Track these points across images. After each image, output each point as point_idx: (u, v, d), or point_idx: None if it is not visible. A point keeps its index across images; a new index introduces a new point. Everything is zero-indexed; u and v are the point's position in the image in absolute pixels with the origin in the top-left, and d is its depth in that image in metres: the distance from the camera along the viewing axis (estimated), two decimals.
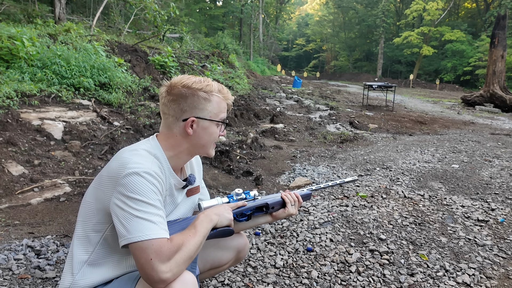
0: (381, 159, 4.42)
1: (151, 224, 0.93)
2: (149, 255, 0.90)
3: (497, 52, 12.31)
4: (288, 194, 1.34)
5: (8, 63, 4.94)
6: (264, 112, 7.69)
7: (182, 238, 0.96)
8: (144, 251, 0.90)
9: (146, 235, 0.91)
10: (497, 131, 7.30)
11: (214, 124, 1.11)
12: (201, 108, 1.08)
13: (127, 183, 0.95)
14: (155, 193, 0.98)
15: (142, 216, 0.93)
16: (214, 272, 1.47)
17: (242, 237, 1.45)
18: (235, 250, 1.42)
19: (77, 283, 1.04)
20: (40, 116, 4.14)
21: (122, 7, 13.48)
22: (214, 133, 1.11)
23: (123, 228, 0.93)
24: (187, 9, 24.33)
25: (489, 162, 4.33)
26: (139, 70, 7.31)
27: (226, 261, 1.43)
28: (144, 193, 0.95)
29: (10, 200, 2.80)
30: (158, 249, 0.90)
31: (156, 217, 0.95)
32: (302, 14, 58.54)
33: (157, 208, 0.97)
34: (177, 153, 1.11)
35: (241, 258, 1.48)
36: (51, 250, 2.05)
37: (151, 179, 0.98)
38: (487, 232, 2.39)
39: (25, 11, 9.78)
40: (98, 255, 1.05)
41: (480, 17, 32.01)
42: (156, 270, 0.89)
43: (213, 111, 1.09)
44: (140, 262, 0.91)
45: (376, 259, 2.03)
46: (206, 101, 1.08)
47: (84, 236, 1.06)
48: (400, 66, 36.30)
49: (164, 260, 0.90)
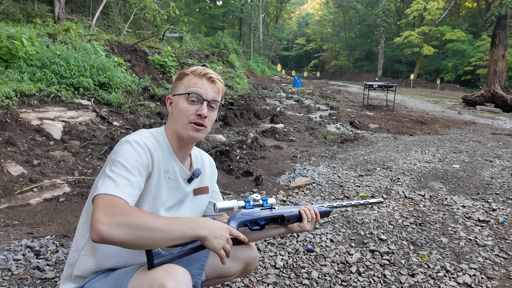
0: (382, 159, 4.41)
1: (112, 182, 0.95)
2: (98, 204, 0.90)
3: (498, 51, 12.29)
4: (307, 209, 1.28)
5: (7, 62, 4.93)
6: (264, 112, 7.68)
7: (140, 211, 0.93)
8: (96, 201, 0.91)
9: (102, 190, 0.93)
10: (498, 131, 7.28)
11: (182, 98, 1.13)
12: (175, 86, 1.17)
13: (116, 150, 1.03)
14: (136, 160, 1.01)
15: (110, 175, 0.96)
16: (220, 281, 1.44)
17: (252, 249, 1.39)
18: (243, 262, 1.37)
19: (81, 260, 1.08)
20: (40, 116, 4.13)
21: (122, 7, 13.47)
22: (184, 108, 1.11)
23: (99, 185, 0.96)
24: (187, 9, 24.32)
25: (490, 162, 4.32)
26: (139, 69, 7.30)
27: (233, 272, 1.38)
28: (124, 156, 1.00)
29: (9, 200, 2.79)
30: (106, 202, 0.90)
31: (121, 179, 0.96)
32: (302, 14, 58.51)
33: (130, 172, 0.98)
34: (170, 134, 1.17)
35: (249, 271, 1.42)
36: (51, 250, 2.05)
37: (136, 146, 1.03)
38: (488, 233, 2.38)
39: (24, 10, 9.77)
40: None
41: (481, 17, 31.98)
42: (96, 219, 0.86)
43: (182, 87, 1.15)
44: (91, 211, 0.91)
45: (377, 259, 2.02)
46: (178, 80, 1.17)
47: (87, 213, 1.10)
48: (401, 66, 36.27)
49: (108, 213, 0.87)
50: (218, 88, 1.16)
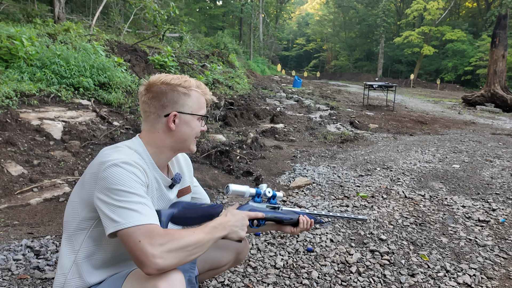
0: (382, 159, 4.41)
1: (135, 212, 0.92)
2: (137, 238, 0.88)
3: (498, 51, 12.29)
4: (305, 219, 1.33)
5: (7, 62, 4.93)
6: (264, 112, 7.68)
7: (180, 231, 0.96)
8: (131, 236, 0.89)
9: (131, 222, 0.90)
10: (498, 131, 7.28)
11: (196, 118, 1.12)
12: (182, 103, 1.10)
13: (107, 176, 0.95)
14: (136, 182, 0.98)
15: (126, 206, 0.92)
16: (213, 273, 1.47)
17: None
18: (234, 252, 1.42)
19: (69, 283, 1.04)
20: (40, 116, 4.13)
21: (122, 7, 13.46)
22: (196, 127, 1.13)
23: (108, 219, 0.92)
24: (187, 9, 24.31)
25: (490, 162, 4.32)
26: (139, 69, 7.30)
27: (225, 262, 1.42)
28: (124, 182, 0.95)
29: (9, 200, 2.79)
30: (146, 233, 0.89)
31: (139, 205, 0.94)
32: (302, 14, 58.49)
33: (140, 196, 0.96)
34: (160, 149, 1.12)
35: (240, 260, 1.48)
36: (51, 250, 2.05)
37: (130, 168, 0.98)
38: (488, 233, 2.38)
39: (24, 10, 9.76)
40: (85, 253, 1.05)
41: (481, 17, 31.97)
42: (146, 253, 0.86)
43: (193, 106, 1.12)
44: (129, 247, 0.89)
45: (377, 259, 2.02)
46: (185, 96, 1.11)
47: (69, 236, 1.06)
48: (401, 66, 36.26)
49: (154, 244, 0.87)
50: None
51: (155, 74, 1.14)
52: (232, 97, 8.43)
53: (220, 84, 9.05)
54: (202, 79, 8.44)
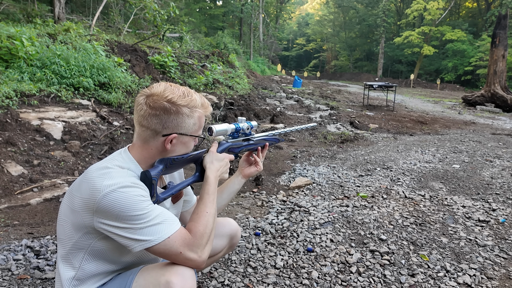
0: (382, 159, 4.41)
1: (161, 225, 0.94)
2: (176, 250, 0.95)
3: (498, 51, 12.28)
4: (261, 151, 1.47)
5: (7, 62, 4.93)
6: (264, 112, 7.68)
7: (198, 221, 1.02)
8: (169, 250, 0.94)
9: (161, 237, 0.93)
10: (498, 131, 7.28)
11: (193, 138, 1.12)
12: (184, 125, 1.05)
13: (111, 205, 0.89)
14: (143, 201, 0.93)
15: (148, 225, 0.92)
16: (210, 261, 1.50)
17: (232, 223, 1.50)
18: (228, 237, 1.47)
19: None
20: (40, 116, 4.13)
21: (122, 7, 13.46)
22: (191, 146, 1.13)
23: (131, 240, 0.92)
24: (187, 9, 24.31)
25: (490, 162, 4.32)
26: (139, 70, 7.30)
27: (220, 249, 1.47)
28: (134, 207, 0.90)
29: (10, 200, 2.79)
30: (182, 243, 0.96)
31: (159, 218, 0.94)
32: (303, 14, 58.50)
33: (154, 210, 0.94)
34: (148, 163, 1.07)
35: (234, 244, 1.53)
36: (51, 250, 2.04)
37: (132, 190, 0.92)
38: (488, 233, 2.38)
39: (25, 10, 9.77)
40: (86, 269, 1.01)
41: (481, 17, 31.97)
42: (192, 260, 0.96)
43: (194, 127, 1.08)
44: (172, 259, 0.97)
45: (377, 259, 2.02)
46: (189, 117, 1.05)
47: (66, 254, 1.01)
48: (401, 66, 36.26)
49: (193, 249, 0.97)
50: None
51: (158, 84, 1.06)
52: (232, 97, 8.43)
53: (220, 84, 9.05)
54: (202, 79, 8.45)
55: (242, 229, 2.38)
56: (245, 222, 2.51)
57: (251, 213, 2.74)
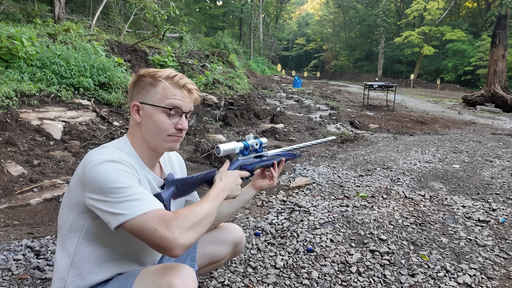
0: (382, 159, 4.41)
1: (138, 201, 0.90)
2: (151, 227, 0.88)
3: (498, 51, 12.29)
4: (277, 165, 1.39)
5: (7, 62, 4.93)
6: (264, 112, 7.68)
7: (188, 208, 0.97)
8: (144, 226, 0.88)
9: (136, 211, 0.88)
10: (498, 131, 7.28)
11: (160, 110, 1.04)
12: (144, 93, 1.05)
13: (95, 176, 0.91)
14: (127, 176, 0.94)
15: (126, 199, 0.90)
16: (212, 267, 1.49)
17: (237, 230, 1.47)
18: (232, 244, 1.45)
19: (69, 286, 1.03)
20: (40, 116, 4.13)
21: (122, 7, 13.46)
22: (161, 122, 1.04)
23: (109, 215, 0.90)
24: (187, 9, 24.31)
25: (490, 162, 4.32)
26: (139, 70, 7.29)
27: (224, 256, 1.45)
28: (115, 180, 0.91)
29: (10, 200, 2.79)
30: (159, 220, 0.88)
31: (139, 195, 0.91)
32: (303, 14, 58.48)
33: (136, 187, 0.93)
34: (140, 147, 1.09)
35: (238, 252, 1.51)
36: (51, 250, 2.05)
37: (116, 165, 0.94)
38: (488, 233, 2.38)
39: (25, 10, 9.76)
40: (82, 254, 1.03)
41: (481, 17, 31.97)
42: (167, 239, 0.87)
43: (157, 97, 1.04)
44: (146, 237, 0.89)
45: (377, 259, 2.02)
46: (151, 86, 1.05)
47: (63, 239, 1.04)
48: (401, 66, 36.26)
49: (171, 228, 0.88)
50: (195, 97, 1.12)
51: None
52: (232, 97, 8.43)
53: (220, 84, 9.05)
54: (202, 79, 8.44)
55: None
56: (245, 222, 2.51)
57: (251, 213, 2.74)
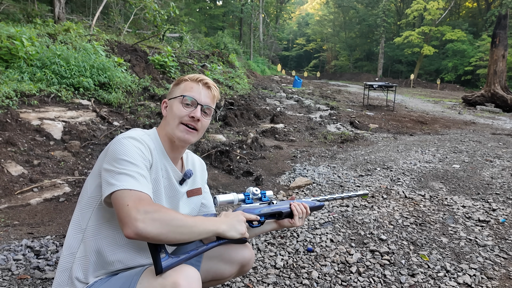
0: (382, 159, 4.41)
1: (131, 178, 0.96)
2: (126, 202, 0.92)
3: (498, 51, 12.28)
4: (297, 205, 1.29)
5: (7, 63, 4.93)
6: (264, 112, 7.68)
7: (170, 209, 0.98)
8: (122, 198, 0.93)
9: (124, 185, 0.94)
10: (498, 131, 7.28)
11: (177, 100, 1.16)
12: (171, 92, 1.21)
13: (113, 148, 1.02)
14: (139, 155, 1.02)
15: (124, 172, 0.96)
16: (214, 283, 1.42)
17: (248, 249, 1.36)
18: (239, 264, 1.35)
19: (78, 262, 1.05)
20: (40, 116, 4.13)
21: (122, 7, 13.47)
22: (177, 110, 1.15)
23: (106, 184, 0.96)
24: (187, 9, 24.30)
25: (490, 162, 4.32)
26: (139, 70, 7.30)
27: (228, 275, 1.37)
28: (127, 153, 1.00)
29: (10, 200, 2.79)
30: (136, 199, 0.92)
31: (137, 175, 0.98)
32: (303, 14, 58.47)
33: (140, 168, 1.00)
34: (162, 135, 1.17)
35: (244, 272, 1.41)
36: (51, 250, 2.05)
37: (135, 142, 1.04)
38: (488, 233, 2.38)
39: (25, 10, 9.77)
40: (92, 231, 1.06)
41: (481, 17, 31.96)
42: (130, 216, 0.89)
43: (178, 91, 1.18)
44: (117, 208, 0.93)
45: (377, 259, 2.02)
46: (176, 86, 1.20)
47: (78, 214, 1.09)
48: (401, 66, 36.25)
49: (140, 210, 0.90)
50: (213, 94, 1.20)
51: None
52: (232, 97, 8.42)
53: (220, 84, 9.05)
54: None
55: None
56: None
57: None
